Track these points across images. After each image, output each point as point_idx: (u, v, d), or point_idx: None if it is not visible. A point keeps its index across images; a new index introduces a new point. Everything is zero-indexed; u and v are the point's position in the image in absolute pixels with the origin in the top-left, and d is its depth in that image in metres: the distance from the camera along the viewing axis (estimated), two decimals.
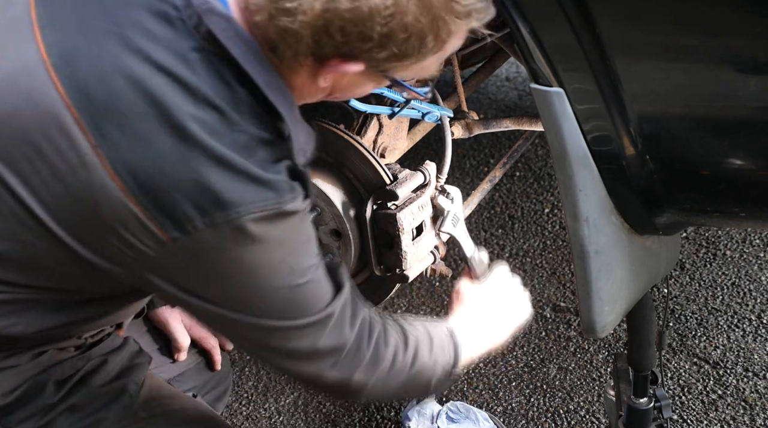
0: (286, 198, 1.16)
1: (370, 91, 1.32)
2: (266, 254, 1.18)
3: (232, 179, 1.11)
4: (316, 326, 1.27)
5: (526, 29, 1.38)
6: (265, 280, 1.20)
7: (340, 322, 1.30)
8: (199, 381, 1.86)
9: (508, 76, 3.91)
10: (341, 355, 1.31)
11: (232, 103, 1.13)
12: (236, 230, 1.12)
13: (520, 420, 2.41)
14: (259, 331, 1.25)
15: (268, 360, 1.33)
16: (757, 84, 1.32)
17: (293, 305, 1.25)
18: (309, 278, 1.25)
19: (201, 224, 1.11)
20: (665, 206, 1.54)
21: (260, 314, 1.23)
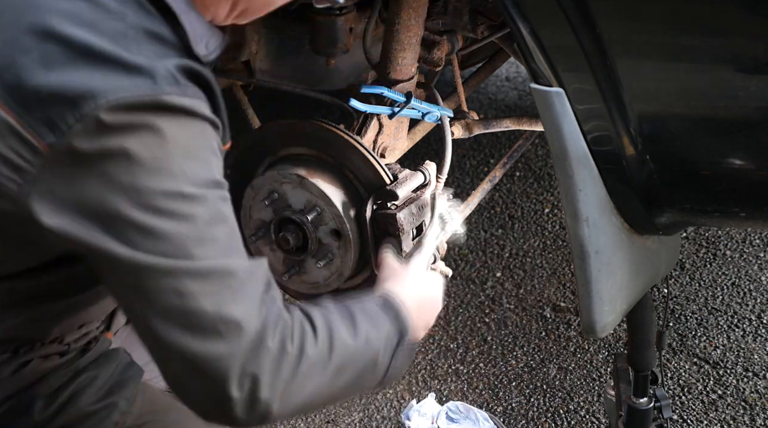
0: (166, 89, 1.04)
1: (280, 3, 1.22)
2: (149, 147, 1.05)
3: (102, 69, 1.03)
4: (217, 279, 1.07)
5: (526, 29, 1.38)
6: (151, 179, 1.05)
7: (250, 291, 1.10)
8: None
9: (508, 76, 3.91)
10: (246, 336, 1.08)
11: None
12: (110, 121, 1.02)
13: (520, 420, 2.41)
14: (153, 278, 1.06)
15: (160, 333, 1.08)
16: (757, 84, 1.32)
17: (188, 230, 1.07)
18: (205, 194, 1.09)
19: (72, 119, 1.02)
20: (665, 206, 1.54)
21: (150, 245, 1.05)
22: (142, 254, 1.05)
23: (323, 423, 2.44)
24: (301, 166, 1.73)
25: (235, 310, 1.08)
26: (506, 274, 2.89)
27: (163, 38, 1.09)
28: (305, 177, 1.70)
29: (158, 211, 1.05)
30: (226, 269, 1.09)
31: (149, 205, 1.05)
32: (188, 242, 1.06)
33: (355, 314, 1.23)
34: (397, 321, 1.28)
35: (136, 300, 1.09)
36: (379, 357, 1.23)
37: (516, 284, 2.85)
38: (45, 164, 1.05)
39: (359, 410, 2.47)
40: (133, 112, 1.03)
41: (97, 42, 1.04)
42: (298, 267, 1.81)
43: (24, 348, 1.34)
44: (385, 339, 1.24)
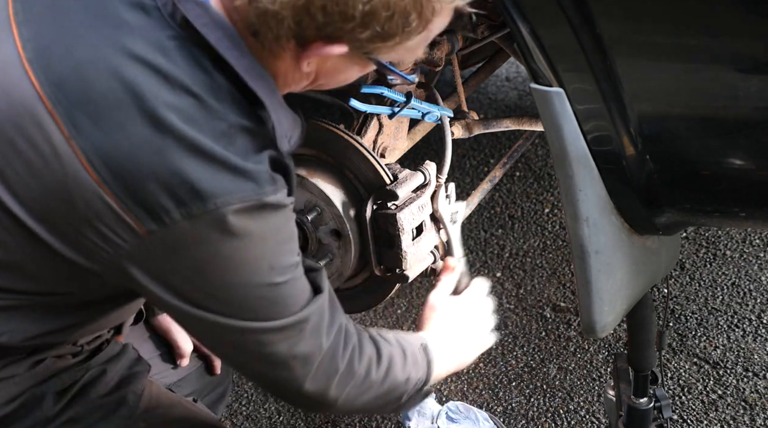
0: (267, 190, 1.13)
1: (357, 76, 1.28)
2: (245, 249, 1.15)
3: (210, 169, 1.08)
4: (293, 329, 1.24)
5: (526, 29, 1.38)
6: (244, 277, 1.17)
7: (317, 327, 1.27)
8: (199, 385, 1.86)
9: (508, 76, 3.91)
10: (316, 363, 1.27)
11: (210, 90, 1.11)
12: (214, 223, 1.10)
13: (520, 420, 2.41)
14: (236, 333, 1.22)
15: (245, 367, 1.30)
16: (757, 84, 1.32)
17: (270, 305, 1.21)
18: (288, 278, 1.21)
19: (178, 215, 1.08)
20: (665, 206, 1.53)
21: (237, 314, 1.20)
22: (228, 319, 1.20)
23: (323, 423, 2.44)
24: (301, 166, 1.73)
25: (304, 348, 1.26)
26: (506, 274, 2.89)
27: (255, 133, 1.15)
28: (305, 177, 1.70)
29: (249, 296, 1.19)
30: (298, 321, 1.24)
31: (237, 294, 1.18)
32: (269, 312, 1.22)
33: (407, 354, 1.43)
34: (428, 370, 1.46)
35: (223, 347, 1.29)
36: (405, 394, 1.43)
37: (516, 284, 2.85)
38: (141, 245, 1.12)
39: None
40: (238, 215, 1.11)
41: (204, 141, 1.09)
42: None
43: (40, 350, 1.36)
44: (415, 381, 1.44)
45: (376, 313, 2.78)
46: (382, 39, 1.14)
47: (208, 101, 1.11)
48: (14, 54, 1.12)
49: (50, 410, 1.37)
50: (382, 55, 1.19)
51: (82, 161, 1.08)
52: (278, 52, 1.17)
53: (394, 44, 1.16)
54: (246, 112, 1.15)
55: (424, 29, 1.18)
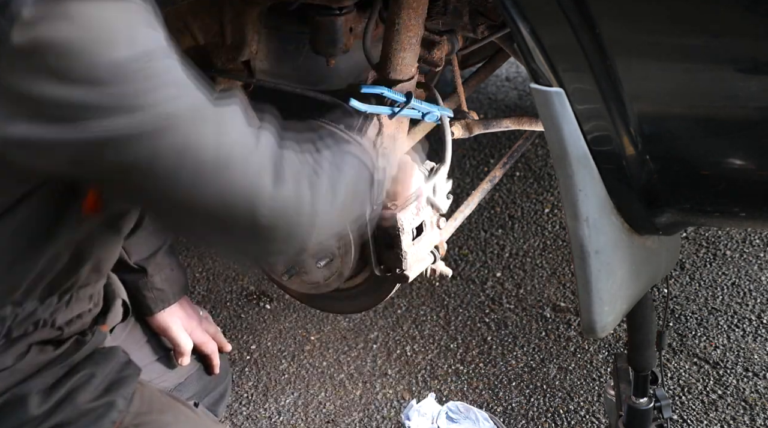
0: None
1: None
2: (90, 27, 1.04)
3: None
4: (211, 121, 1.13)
5: (526, 29, 1.38)
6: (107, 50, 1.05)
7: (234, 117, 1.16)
8: (199, 387, 1.85)
9: (508, 76, 3.91)
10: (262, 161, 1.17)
11: None
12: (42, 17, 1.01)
13: (520, 420, 2.41)
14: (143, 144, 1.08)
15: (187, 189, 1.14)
16: (757, 84, 1.32)
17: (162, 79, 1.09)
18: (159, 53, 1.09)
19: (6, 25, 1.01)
20: (665, 206, 1.53)
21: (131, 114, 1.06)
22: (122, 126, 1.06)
23: (323, 423, 2.44)
24: None
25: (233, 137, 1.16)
26: (506, 274, 2.89)
27: None
28: None
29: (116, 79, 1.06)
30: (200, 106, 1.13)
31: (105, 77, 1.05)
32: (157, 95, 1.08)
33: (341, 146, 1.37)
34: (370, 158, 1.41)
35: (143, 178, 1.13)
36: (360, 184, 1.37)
37: (516, 284, 2.85)
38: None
39: (359, 410, 2.47)
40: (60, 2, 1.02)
41: None
42: (298, 267, 1.81)
43: (17, 330, 1.34)
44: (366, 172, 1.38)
45: (376, 313, 2.78)
46: None
47: None
48: None
49: (36, 409, 1.35)
50: None
51: None
52: None
53: None
54: None
55: None
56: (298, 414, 2.47)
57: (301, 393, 2.53)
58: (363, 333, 2.72)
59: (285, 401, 2.51)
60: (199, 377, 1.86)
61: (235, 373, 2.58)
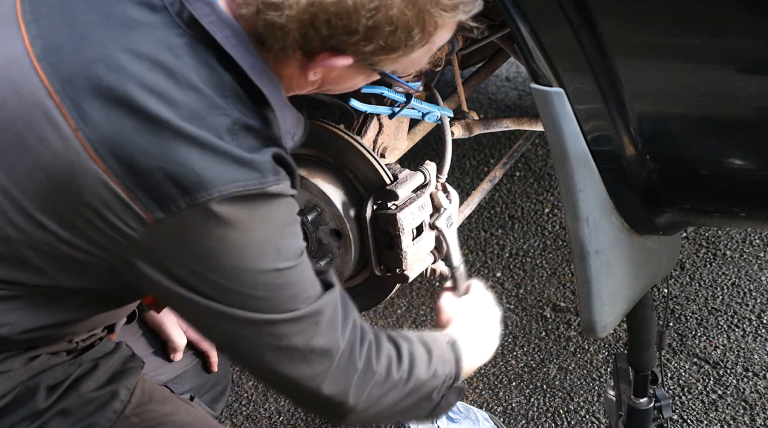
0: (270, 179, 1.15)
1: (362, 84, 1.32)
2: (250, 233, 1.16)
3: (213, 160, 1.11)
4: (307, 321, 1.24)
5: (526, 29, 1.38)
6: (251, 261, 1.18)
7: (332, 321, 1.27)
8: (197, 383, 1.85)
9: (508, 76, 3.91)
10: (335, 359, 1.27)
11: (215, 87, 1.14)
12: (219, 210, 1.12)
13: (520, 420, 2.41)
14: (250, 327, 1.22)
15: (262, 365, 1.27)
16: (757, 84, 1.32)
17: (282, 293, 1.22)
18: (296, 263, 1.22)
19: (184, 204, 1.11)
20: (665, 206, 1.53)
21: (250, 305, 1.20)
22: (241, 311, 1.20)
23: (323, 423, 2.44)
24: (301, 166, 1.73)
25: (321, 341, 1.25)
26: (506, 274, 2.89)
27: (259, 130, 1.17)
28: (305, 177, 1.70)
29: (253, 285, 1.19)
30: (313, 312, 1.24)
31: (245, 281, 1.19)
32: (281, 302, 1.22)
33: (432, 350, 1.41)
34: (457, 366, 1.45)
35: (234, 344, 1.28)
36: (435, 391, 1.41)
37: (516, 284, 2.85)
38: (149, 234, 1.14)
39: None
40: (241, 202, 1.13)
41: (206, 136, 1.11)
42: None
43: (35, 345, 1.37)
44: (444, 378, 1.42)
45: (376, 313, 2.78)
46: (386, 52, 1.18)
47: (213, 98, 1.13)
48: (23, 51, 1.15)
49: (42, 403, 1.38)
50: (386, 67, 1.23)
51: (89, 151, 1.11)
52: (285, 59, 1.20)
53: (397, 56, 1.20)
54: (250, 109, 1.17)
55: (427, 42, 1.21)
56: (298, 414, 2.47)
57: None
58: None
59: (285, 401, 2.51)
60: (197, 373, 1.86)
61: (235, 373, 2.58)
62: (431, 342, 1.44)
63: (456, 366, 1.45)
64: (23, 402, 1.36)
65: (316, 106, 1.36)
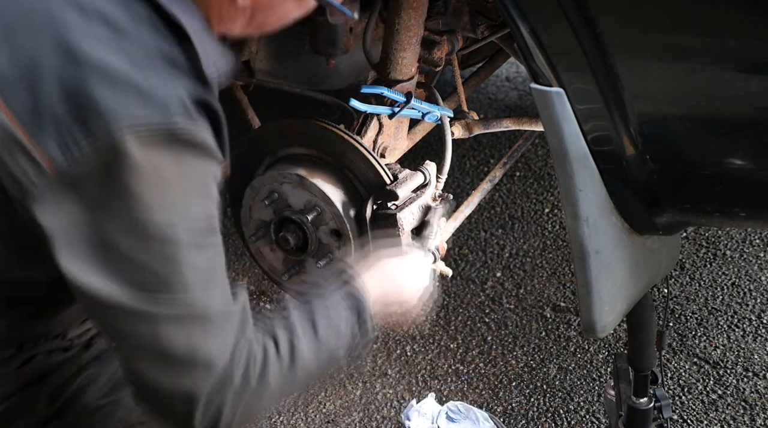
0: (177, 119, 1.05)
1: (294, 12, 1.24)
2: (153, 187, 1.05)
3: (116, 90, 1.03)
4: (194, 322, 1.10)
5: (526, 29, 1.38)
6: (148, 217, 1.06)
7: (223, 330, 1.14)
8: None
9: (508, 76, 3.91)
10: (214, 375, 1.12)
11: (127, 17, 1.08)
12: (117, 150, 1.03)
13: (520, 420, 2.41)
14: (131, 313, 1.08)
15: (138, 364, 1.12)
16: (757, 84, 1.32)
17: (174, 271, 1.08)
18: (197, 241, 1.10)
19: (82, 139, 1.03)
20: (665, 206, 1.54)
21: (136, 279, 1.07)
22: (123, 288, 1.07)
23: (323, 423, 2.44)
24: (301, 166, 1.73)
25: (205, 350, 1.11)
26: (506, 274, 2.89)
27: (176, 62, 1.09)
28: (305, 177, 1.70)
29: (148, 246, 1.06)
30: (204, 314, 1.11)
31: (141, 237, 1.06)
32: (174, 279, 1.08)
33: (317, 321, 1.26)
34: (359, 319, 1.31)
35: (114, 336, 1.14)
36: (337, 355, 1.28)
37: (516, 284, 2.85)
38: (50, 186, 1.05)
39: (359, 410, 2.47)
40: (144, 144, 1.03)
41: (114, 63, 1.04)
42: (298, 267, 1.81)
43: (28, 344, 1.35)
44: (346, 341, 1.29)
45: None
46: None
47: (125, 27, 1.07)
48: None
49: (44, 410, 1.36)
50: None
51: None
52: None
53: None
54: (168, 41, 1.10)
55: None
56: (298, 414, 2.47)
57: (301, 393, 2.53)
58: None
59: (285, 401, 2.51)
60: None
61: None
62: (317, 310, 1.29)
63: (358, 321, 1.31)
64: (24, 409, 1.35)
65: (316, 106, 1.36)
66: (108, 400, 1.44)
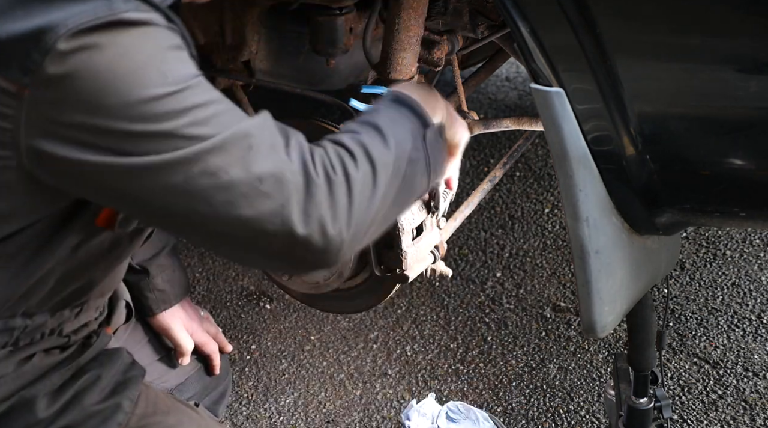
0: (121, 7, 1.05)
1: None
2: (122, 61, 1.06)
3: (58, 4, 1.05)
4: (235, 146, 1.09)
5: (526, 29, 1.38)
6: (136, 90, 1.06)
7: (270, 144, 1.12)
8: (200, 387, 1.85)
9: (508, 76, 3.91)
10: (292, 183, 1.11)
11: None
12: (75, 47, 1.04)
13: (520, 420, 2.41)
14: (178, 172, 1.08)
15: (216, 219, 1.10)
16: (757, 84, 1.32)
17: (187, 119, 1.08)
18: (191, 83, 1.10)
19: (39, 56, 1.04)
20: (665, 206, 1.54)
21: (161, 145, 1.07)
22: (154, 156, 1.07)
23: (323, 423, 2.44)
24: None
25: (265, 165, 1.10)
26: (506, 274, 2.89)
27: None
28: None
29: (151, 117, 1.07)
30: (239, 133, 1.11)
31: (139, 115, 1.07)
32: (192, 129, 1.08)
33: (379, 124, 1.24)
34: (414, 114, 1.29)
35: (174, 204, 1.11)
36: (414, 154, 1.24)
37: (516, 284, 2.85)
38: (28, 105, 1.07)
39: (359, 410, 2.47)
40: (93, 33, 1.05)
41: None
42: None
43: (24, 339, 1.35)
44: (411, 136, 1.26)
45: (376, 313, 2.78)
46: None
47: None
48: None
49: (43, 412, 1.35)
50: None
51: None
52: None
53: None
54: None
55: None
56: (298, 414, 2.47)
57: (301, 393, 2.53)
58: (363, 333, 2.72)
59: (285, 401, 2.51)
60: (199, 377, 1.86)
61: (235, 373, 2.58)
62: (374, 117, 1.27)
63: (415, 115, 1.29)
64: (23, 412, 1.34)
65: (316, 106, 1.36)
66: (108, 404, 1.43)
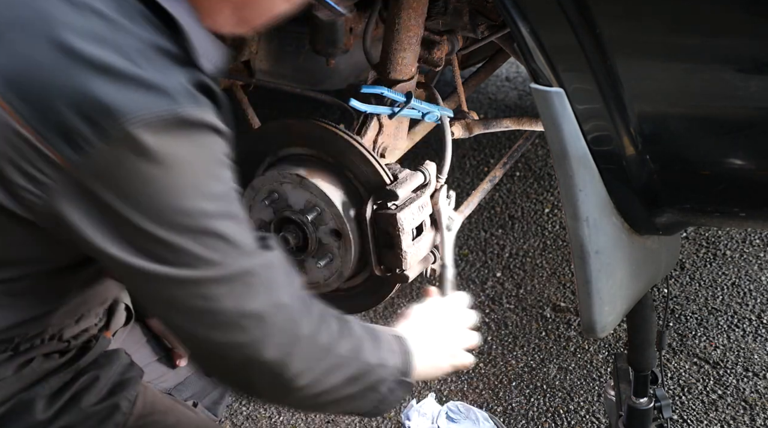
0: (184, 104, 1.07)
1: (283, 8, 1.24)
2: (169, 171, 1.08)
3: (119, 86, 1.05)
4: (238, 281, 1.15)
5: (526, 29, 1.38)
6: (171, 198, 1.10)
7: (268, 284, 1.18)
8: (199, 387, 1.85)
9: (508, 76, 3.91)
10: (273, 325, 1.18)
11: (120, 11, 1.08)
12: (132, 143, 1.05)
13: (520, 420, 2.41)
14: (176, 287, 1.13)
15: (195, 334, 1.17)
16: (757, 84, 1.32)
17: (206, 242, 1.12)
18: (223, 209, 1.14)
19: (95, 139, 1.04)
20: (665, 206, 1.54)
21: (172, 258, 1.11)
22: (168, 268, 1.12)
23: (323, 423, 2.44)
24: (301, 166, 1.73)
25: (255, 305, 1.16)
26: (506, 274, 2.89)
27: (171, 53, 1.11)
28: (305, 177, 1.70)
29: (180, 228, 1.11)
30: (243, 271, 1.16)
31: (172, 223, 1.11)
32: (210, 253, 1.13)
33: (379, 338, 1.33)
34: (404, 359, 1.36)
35: (164, 307, 1.18)
36: (382, 382, 1.32)
37: (516, 284, 2.85)
38: (67, 180, 1.08)
39: None
40: (151, 131, 1.06)
41: (113, 59, 1.06)
42: (298, 267, 1.81)
43: (24, 345, 1.35)
44: (392, 368, 1.33)
45: (376, 313, 2.78)
46: None
47: (117, 20, 1.08)
48: None
49: (41, 414, 1.35)
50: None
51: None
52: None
53: None
54: (161, 32, 1.11)
55: None
56: (298, 414, 2.47)
57: None
58: None
59: None
60: (198, 377, 1.86)
61: None
62: (377, 331, 1.36)
63: (403, 359, 1.36)
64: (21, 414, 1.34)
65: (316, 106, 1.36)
66: (105, 404, 1.43)
